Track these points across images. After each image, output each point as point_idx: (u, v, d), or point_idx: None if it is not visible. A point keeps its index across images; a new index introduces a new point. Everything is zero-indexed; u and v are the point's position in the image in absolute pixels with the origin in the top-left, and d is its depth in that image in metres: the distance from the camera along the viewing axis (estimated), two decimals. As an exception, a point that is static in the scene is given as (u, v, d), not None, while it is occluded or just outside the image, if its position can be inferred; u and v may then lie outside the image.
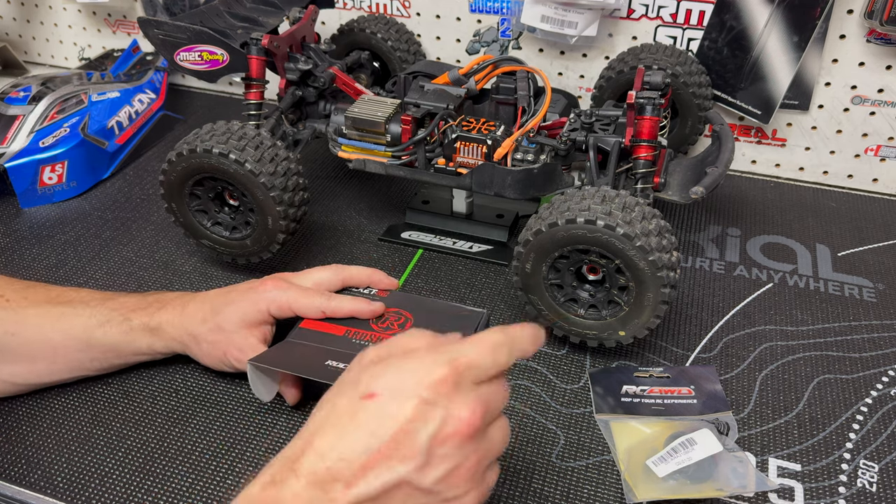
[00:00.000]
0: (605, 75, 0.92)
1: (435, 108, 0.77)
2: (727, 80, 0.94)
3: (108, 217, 0.92)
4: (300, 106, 0.87)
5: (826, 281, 0.81)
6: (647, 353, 0.72)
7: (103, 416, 0.65)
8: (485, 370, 0.45)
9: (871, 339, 0.73)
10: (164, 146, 1.07)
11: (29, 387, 0.66)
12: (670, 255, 0.63)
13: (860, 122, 0.93)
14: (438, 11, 1.04)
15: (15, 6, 1.29)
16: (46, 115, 0.95)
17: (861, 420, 0.65)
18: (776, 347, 0.73)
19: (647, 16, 0.95)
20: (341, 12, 1.08)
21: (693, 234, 0.89)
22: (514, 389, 0.68)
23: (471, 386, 0.44)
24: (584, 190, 0.65)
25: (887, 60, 0.88)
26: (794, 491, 0.59)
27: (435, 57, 1.08)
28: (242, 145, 0.73)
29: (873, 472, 0.61)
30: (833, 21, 0.88)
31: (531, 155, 0.75)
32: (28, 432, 0.64)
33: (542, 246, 0.65)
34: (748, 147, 1.00)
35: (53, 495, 0.59)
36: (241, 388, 0.68)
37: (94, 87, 1.02)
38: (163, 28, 0.79)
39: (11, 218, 0.92)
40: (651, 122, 0.71)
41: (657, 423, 0.63)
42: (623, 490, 0.58)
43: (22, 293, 0.66)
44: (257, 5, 0.92)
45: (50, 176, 0.93)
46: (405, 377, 0.44)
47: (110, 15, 1.23)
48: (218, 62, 0.80)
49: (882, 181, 0.96)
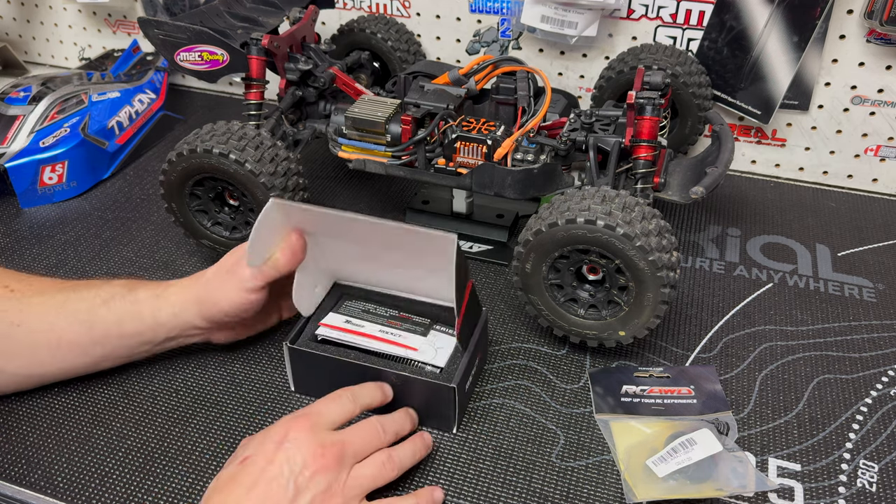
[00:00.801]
0: (605, 75, 0.92)
1: (435, 108, 0.77)
2: (727, 80, 0.94)
3: (108, 217, 0.92)
4: (300, 106, 0.87)
5: (826, 281, 0.81)
6: (647, 353, 0.72)
7: (103, 416, 0.65)
8: (335, 415, 0.57)
9: (871, 339, 0.73)
10: (165, 146, 1.07)
11: (31, 380, 0.66)
12: (670, 255, 0.63)
13: (860, 122, 0.93)
14: (438, 11, 1.04)
15: (15, 6, 1.29)
16: (47, 115, 0.95)
17: (861, 420, 0.65)
18: (776, 347, 0.73)
19: (646, 16, 0.95)
20: (341, 12, 1.08)
21: (693, 234, 0.89)
22: (514, 389, 0.68)
23: (326, 431, 0.56)
24: (584, 190, 0.65)
25: (887, 60, 0.88)
26: (793, 491, 0.59)
27: (435, 57, 1.08)
28: (243, 145, 0.73)
29: (873, 472, 0.61)
30: (833, 21, 0.88)
31: (531, 155, 0.75)
32: (28, 432, 0.64)
33: (542, 246, 0.65)
34: (748, 147, 1.00)
35: (53, 495, 0.59)
36: (242, 388, 0.68)
37: (94, 88, 1.02)
38: (163, 28, 0.79)
39: (11, 218, 0.92)
40: (651, 123, 0.71)
41: (657, 423, 0.63)
42: (623, 490, 0.59)
43: (27, 282, 0.66)
44: (257, 5, 0.92)
45: (50, 176, 0.93)
46: (270, 436, 0.55)
47: (110, 15, 1.23)
48: (218, 62, 0.80)
49: (882, 181, 0.96)
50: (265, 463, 0.53)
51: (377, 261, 0.66)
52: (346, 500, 0.53)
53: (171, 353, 0.70)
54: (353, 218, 0.60)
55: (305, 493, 0.52)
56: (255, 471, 0.53)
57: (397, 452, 0.58)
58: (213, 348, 0.71)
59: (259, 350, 0.72)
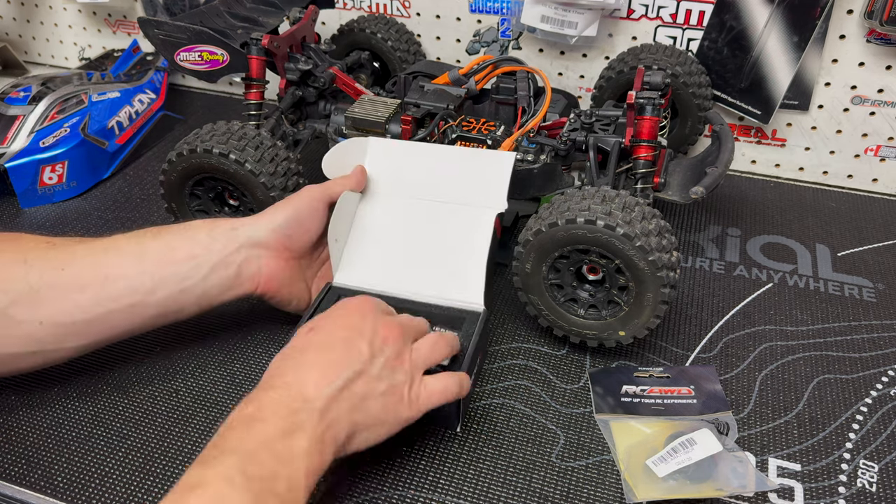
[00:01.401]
0: (605, 75, 0.92)
1: (435, 108, 0.77)
2: (727, 80, 0.94)
3: (108, 217, 0.92)
4: (300, 106, 0.87)
5: (826, 281, 0.81)
6: (647, 353, 0.72)
7: (103, 416, 0.65)
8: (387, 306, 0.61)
9: (871, 339, 0.73)
10: (165, 146, 1.07)
11: (71, 330, 0.60)
12: (670, 255, 0.63)
13: (860, 122, 0.93)
14: (438, 11, 1.04)
15: (15, 6, 1.29)
16: (47, 115, 0.95)
17: (861, 420, 0.65)
18: (776, 347, 0.73)
19: (646, 16, 0.95)
20: (341, 12, 1.08)
21: (693, 234, 0.89)
22: (514, 390, 0.68)
23: (384, 314, 0.59)
24: (584, 190, 0.65)
25: (887, 60, 0.88)
26: (793, 491, 0.59)
27: (435, 57, 1.08)
28: (242, 145, 0.73)
29: (873, 472, 0.61)
30: (833, 21, 0.88)
31: (531, 155, 0.75)
32: (28, 432, 0.64)
33: (542, 246, 0.65)
34: (748, 147, 1.00)
35: (54, 495, 0.59)
36: (242, 388, 0.68)
37: (94, 87, 1.02)
38: (163, 28, 0.79)
39: (11, 218, 0.92)
40: (651, 123, 0.71)
41: (657, 423, 0.63)
42: (623, 490, 0.58)
43: (68, 238, 0.64)
44: (257, 5, 0.92)
45: (50, 176, 0.93)
46: (332, 312, 0.58)
47: (110, 15, 1.23)
48: (218, 62, 0.80)
49: (882, 181, 0.96)
50: (336, 328, 0.55)
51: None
52: (413, 368, 0.56)
53: (171, 354, 0.70)
54: (417, 145, 0.72)
55: (380, 356, 0.54)
56: (325, 337, 0.54)
57: (443, 338, 0.61)
58: (213, 348, 0.71)
59: (259, 350, 0.72)
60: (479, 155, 0.71)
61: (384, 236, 0.71)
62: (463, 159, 0.71)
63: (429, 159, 0.72)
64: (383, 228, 0.71)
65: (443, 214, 0.70)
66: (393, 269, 0.70)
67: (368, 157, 0.73)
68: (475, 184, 0.70)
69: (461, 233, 0.69)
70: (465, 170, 0.70)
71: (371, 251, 0.71)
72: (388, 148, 0.73)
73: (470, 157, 0.71)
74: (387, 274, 0.69)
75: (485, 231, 0.68)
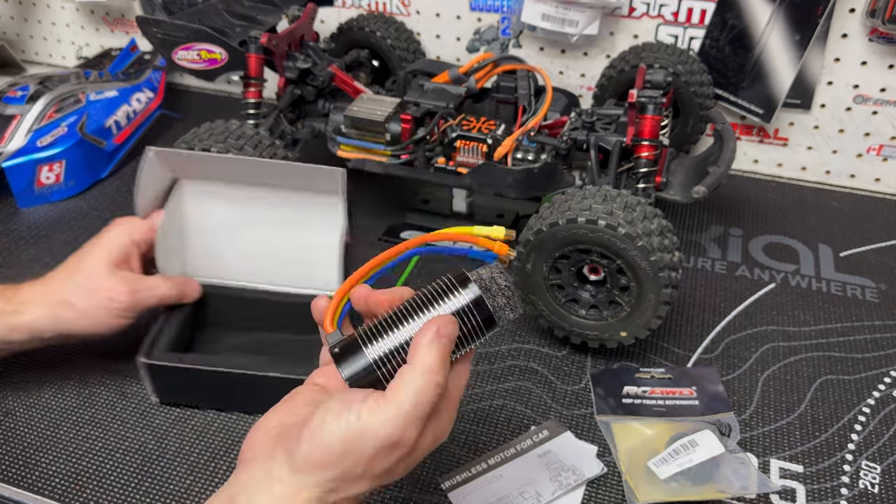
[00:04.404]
0: (607, 74, 0.91)
1: (435, 106, 0.76)
2: (729, 79, 0.94)
3: (106, 217, 0.92)
4: (299, 105, 0.87)
5: (828, 281, 0.81)
6: (649, 354, 0.71)
7: (101, 418, 0.65)
8: None
9: (874, 340, 0.73)
10: (162, 145, 1.06)
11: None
12: (672, 256, 0.63)
13: (862, 121, 0.93)
14: (438, 10, 1.03)
15: (13, 4, 1.29)
16: (44, 114, 0.95)
17: (863, 421, 0.65)
18: (778, 348, 0.72)
19: (648, 14, 0.94)
20: (340, 10, 1.08)
21: (695, 233, 0.88)
22: (514, 390, 0.68)
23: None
24: (586, 189, 0.65)
25: (890, 59, 0.88)
26: (795, 492, 0.59)
27: (435, 55, 1.07)
28: (241, 144, 0.72)
29: (875, 474, 0.60)
30: (835, 20, 0.87)
31: (532, 154, 0.75)
32: (26, 434, 0.63)
33: (542, 246, 0.65)
34: (750, 146, 1.00)
35: (51, 497, 0.58)
36: (240, 388, 0.68)
37: (91, 86, 1.02)
38: (161, 27, 0.79)
39: (9, 218, 0.92)
40: (652, 122, 0.71)
41: (658, 425, 0.63)
42: (624, 491, 0.58)
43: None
44: (256, 3, 0.92)
45: (48, 175, 0.93)
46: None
47: (108, 13, 1.23)
48: (216, 61, 0.80)
49: (884, 181, 0.96)
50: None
51: (255, 218, 0.69)
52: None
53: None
54: (235, 159, 0.64)
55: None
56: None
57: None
58: (211, 349, 0.71)
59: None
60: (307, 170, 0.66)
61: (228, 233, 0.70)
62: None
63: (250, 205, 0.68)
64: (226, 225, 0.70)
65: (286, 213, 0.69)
66: (245, 263, 0.70)
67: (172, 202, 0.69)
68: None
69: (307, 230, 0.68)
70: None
71: (217, 245, 0.70)
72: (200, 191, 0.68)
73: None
74: (240, 267, 0.70)
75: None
